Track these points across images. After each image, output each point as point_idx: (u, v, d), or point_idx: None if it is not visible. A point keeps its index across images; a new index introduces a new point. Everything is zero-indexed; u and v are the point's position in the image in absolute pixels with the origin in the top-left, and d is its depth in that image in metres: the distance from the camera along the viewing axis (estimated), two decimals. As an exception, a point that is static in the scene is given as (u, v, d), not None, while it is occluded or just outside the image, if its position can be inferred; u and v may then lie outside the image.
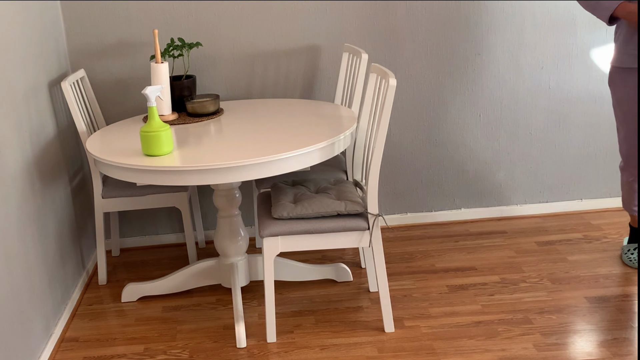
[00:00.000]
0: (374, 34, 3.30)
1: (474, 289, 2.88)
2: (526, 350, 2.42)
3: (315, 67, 3.33)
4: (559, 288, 2.85)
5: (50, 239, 2.71)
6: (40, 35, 2.84)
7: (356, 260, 3.20)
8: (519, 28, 3.34)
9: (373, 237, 2.47)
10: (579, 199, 3.63)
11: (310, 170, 2.95)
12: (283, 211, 2.46)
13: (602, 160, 3.57)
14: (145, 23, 3.20)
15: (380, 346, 2.50)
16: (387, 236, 3.46)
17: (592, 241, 3.27)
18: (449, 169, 3.53)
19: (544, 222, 3.52)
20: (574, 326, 2.56)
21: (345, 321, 2.69)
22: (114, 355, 2.56)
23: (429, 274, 3.04)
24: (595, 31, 3.37)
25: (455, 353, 2.43)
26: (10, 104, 2.41)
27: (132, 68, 3.26)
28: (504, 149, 3.52)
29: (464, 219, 3.60)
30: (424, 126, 3.45)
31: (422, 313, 2.71)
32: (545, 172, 3.57)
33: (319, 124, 2.63)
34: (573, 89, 3.45)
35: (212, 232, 3.52)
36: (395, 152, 3.47)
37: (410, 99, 3.40)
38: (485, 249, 3.25)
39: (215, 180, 2.26)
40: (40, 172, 2.66)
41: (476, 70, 3.39)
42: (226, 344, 2.59)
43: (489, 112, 3.46)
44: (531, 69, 3.40)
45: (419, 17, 3.28)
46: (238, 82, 3.33)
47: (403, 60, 3.35)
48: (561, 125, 3.50)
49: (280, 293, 2.92)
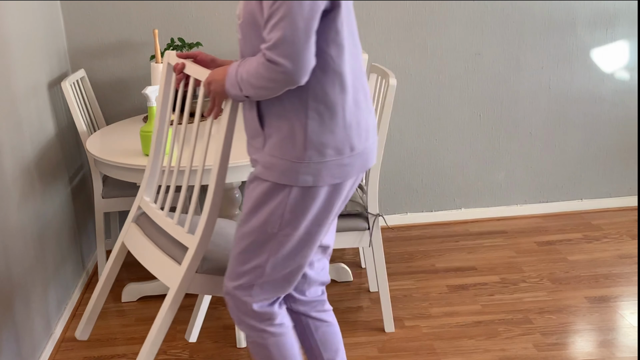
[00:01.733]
0: (374, 34, 3.30)
1: (474, 289, 2.88)
2: (526, 350, 2.42)
3: (315, 67, 3.33)
4: (559, 288, 2.85)
5: (50, 238, 2.71)
6: (40, 35, 2.84)
7: (356, 260, 3.20)
8: (519, 28, 3.34)
9: (373, 237, 2.47)
10: (579, 199, 3.63)
11: (310, 170, 2.94)
12: (283, 211, 2.46)
13: (602, 160, 3.57)
14: (145, 23, 3.20)
15: (380, 346, 2.50)
16: (387, 236, 3.46)
17: (592, 241, 3.27)
18: (449, 169, 3.53)
19: (544, 222, 3.52)
20: (574, 326, 2.56)
21: (345, 321, 2.69)
22: (114, 355, 2.56)
23: (429, 274, 3.04)
24: (595, 31, 3.37)
25: (455, 353, 2.43)
26: (10, 104, 2.41)
27: (132, 68, 3.26)
28: (504, 149, 3.52)
29: (464, 219, 3.60)
30: (424, 126, 3.45)
31: (422, 313, 2.71)
32: (545, 172, 3.57)
33: (319, 124, 2.63)
34: (573, 89, 3.45)
35: (212, 232, 3.52)
36: (395, 152, 3.47)
37: (410, 99, 3.40)
38: (485, 249, 3.25)
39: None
40: (40, 172, 2.66)
41: (476, 70, 3.39)
42: (226, 344, 2.59)
43: (489, 112, 3.46)
44: (531, 69, 3.40)
45: (419, 17, 3.28)
46: (238, 82, 3.32)
47: (403, 60, 3.34)
48: (561, 125, 3.50)
49: (280, 293, 2.92)
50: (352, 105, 1.60)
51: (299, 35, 1.46)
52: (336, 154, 1.60)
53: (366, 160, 1.67)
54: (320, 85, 1.57)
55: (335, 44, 1.55)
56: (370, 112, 1.67)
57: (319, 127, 1.58)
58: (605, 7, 3.33)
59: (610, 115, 3.50)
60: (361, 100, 1.63)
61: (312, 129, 1.58)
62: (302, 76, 1.50)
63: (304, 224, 1.66)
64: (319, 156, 1.59)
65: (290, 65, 1.48)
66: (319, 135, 1.59)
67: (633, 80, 3.45)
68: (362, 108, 1.63)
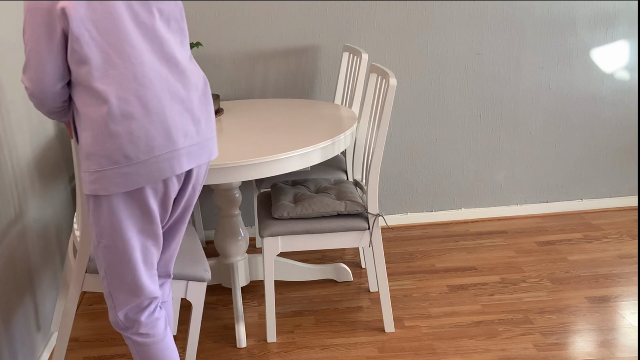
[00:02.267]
0: (374, 34, 3.30)
1: (474, 289, 2.88)
2: (526, 350, 2.42)
3: (315, 67, 3.33)
4: (559, 288, 2.85)
5: (51, 238, 2.71)
6: (40, 35, 2.83)
7: (356, 260, 3.20)
8: (519, 28, 3.34)
9: (373, 237, 2.47)
10: (579, 199, 3.63)
11: (310, 170, 2.95)
12: (283, 211, 2.46)
13: (602, 160, 3.57)
14: (145, 23, 3.20)
15: (380, 346, 2.50)
16: (387, 236, 3.46)
17: (592, 241, 3.27)
18: (449, 169, 3.53)
19: (544, 222, 3.52)
20: (574, 326, 2.56)
21: (345, 321, 2.69)
22: (114, 355, 2.55)
23: (429, 274, 3.04)
24: (595, 31, 3.37)
25: (455, 353, 2.43)
26: (11, 104, 2.41)
27: (132, 68, 3.26)
28: (504, 149, 3.52)
29: (464, 219, 3.60)
30: (424, 126, 3.45)
31: (422, 313, 2.71)
32: (545, 172, 3.57)
33: (319, 124, 2.63)
34: (573, 89, 3.45)
35: (212, 232, 3.52)
36: (395, 152, 3.47)
37: (410, 99, 3.40)
38: (485, 249, 3.25)
39: (215, 180, 2.26)
40: (40, 172, 2.66)
41: (476, 70, 3.39)
42: (226, 344, 2.59)
43: (489, 112, 3.46)
44: (531, 69, 3.40)
45: (419, 17, 3.28)
46: (238, 82, 3.33)
47: (403, 60, 3.35)
48: (561, 125, 3.50)
49: (280, 293, 2.92)
50: (119, 116, 1.61)
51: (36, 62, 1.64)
52: (111, 164, 1.63)
53: (159, 169, 1.66)
54: (77, 100, 1.66)
55: (75, 61, 1.62)
56: (160, 121, 1.65)
57: (90, 139, 1.64)
58: (605, 7, 3.33)
59: (610, 115, 3.50)
60: (133, 111, 1.63)
61: (85, 140, 1.65)
62: (41, 97, 1.68)
63: (111, 233, 1.71)
64: (96, 165, 1.65)
65: (31, 87, 1.66)
66: (90, 146, 1.64)
67: (633, 80, 3.45)
68: (138, 118, 1.63)
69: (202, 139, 1.75)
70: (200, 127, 1.74)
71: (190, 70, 1.75)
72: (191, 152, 1.71)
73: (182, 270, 2.16)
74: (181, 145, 1.69)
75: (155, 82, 1.66)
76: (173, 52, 1.71)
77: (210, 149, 1.79)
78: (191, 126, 1.71)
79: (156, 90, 1.65)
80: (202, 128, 1.74)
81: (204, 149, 1.76)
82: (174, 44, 1.73)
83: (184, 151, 1.70)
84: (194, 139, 1.72)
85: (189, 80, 1.73)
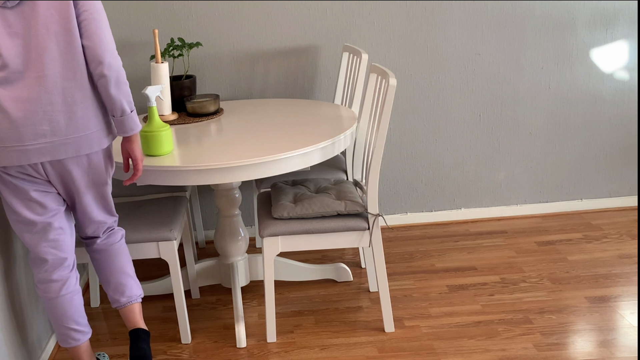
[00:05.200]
0: (374, 34, 3.30)
1: (474, 289, 2.88)
2: (526, 350, 2.42)
3: (315, 67, 3.33)
4: (559, 288, 2.85)
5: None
6: (40, 35, 2.83)
7: (356, 260, 3.20)
8: (519, 28, 3.34)
9: (373, 237, 2.47)
10: (579, 199, 3.63)
11: (310, 170, 2.95)
12: (283, 211, 2.47)
13: (602, 160, 3.57)
14: (145, 23, 3.20)
15: (380, 346, 2.50)
16: (387, 236, 3.46)
17: (592, 241, 3.27)
18: (449, 169, 3.53)
19: (544, 222, 3.52)
20: (574, 326, 2.56)
21: (345, 321, 2.69)
22: (114, 355, 2.56)
23: (429, 274, 3.04)
24: (595, 31, 3.37)
25: (455, 353, 2.43)
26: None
27: (132, 68, 3.26)
28: (504, 149, 3.52)
29: (464, 219, 3.60)
30: (424, 126, 3.45)
31: (422, 313, 2.71)
32: (545, 172, 3.57)
33: (319, 124, 2.63)
34: (573, 89, 3.45)
35: (212, 232, 3.52)
36: (395, 152, 3.47)
37: (410, 99, 3.41)
38: (485, 249, 3.25)
39: (215, 180, 2.26)
40: (40, 172, 2.66)
41: (476, 70, 3.39)
42: (226, 344, 2.59)
43: (489, 112, 3.46)
44: (531, 69, 3.41)
45: (419, 17, 3.28)
46: (238, 82, 3.33)
47: (403, 60, 3.35)
48: (561, 125, 3.50)
49: (280, 293, 2.92)
50: None
51: None
52: None
53: (8, 158, 1.93)
54: None
55: None
56: (9, 121, 1.89)
57: None
58: (605, 7, 3.33)
59: (610, 115, 3.50)
60: None
61: None
62: None
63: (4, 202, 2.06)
64: None
65: None
66: None
67: (633, 80, 3.45)
68: None
69: (61, 137, 1.96)
70: (58, 127, 1.95)
71: (55, 74, 1.93)
72: (42, 149, 1.94)
73: (150, 233, 2.46)
74: (29, 142, 1.93)
75: (15, 84, 1.88)
76: (41, 57, 1.90)
77: (78, 146, 1.99)
78: (46, 126, 1.93)
79: (15, 93, 1.88)
80: (60, 127, 1.95)
81: (66, 146, 1.97)
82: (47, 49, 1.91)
83: (31, 147, 1.93)
84: (48, 138, 1.94)
85: (51, 84, 1.92)
